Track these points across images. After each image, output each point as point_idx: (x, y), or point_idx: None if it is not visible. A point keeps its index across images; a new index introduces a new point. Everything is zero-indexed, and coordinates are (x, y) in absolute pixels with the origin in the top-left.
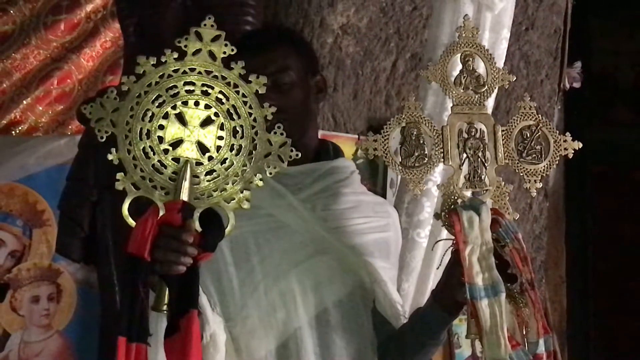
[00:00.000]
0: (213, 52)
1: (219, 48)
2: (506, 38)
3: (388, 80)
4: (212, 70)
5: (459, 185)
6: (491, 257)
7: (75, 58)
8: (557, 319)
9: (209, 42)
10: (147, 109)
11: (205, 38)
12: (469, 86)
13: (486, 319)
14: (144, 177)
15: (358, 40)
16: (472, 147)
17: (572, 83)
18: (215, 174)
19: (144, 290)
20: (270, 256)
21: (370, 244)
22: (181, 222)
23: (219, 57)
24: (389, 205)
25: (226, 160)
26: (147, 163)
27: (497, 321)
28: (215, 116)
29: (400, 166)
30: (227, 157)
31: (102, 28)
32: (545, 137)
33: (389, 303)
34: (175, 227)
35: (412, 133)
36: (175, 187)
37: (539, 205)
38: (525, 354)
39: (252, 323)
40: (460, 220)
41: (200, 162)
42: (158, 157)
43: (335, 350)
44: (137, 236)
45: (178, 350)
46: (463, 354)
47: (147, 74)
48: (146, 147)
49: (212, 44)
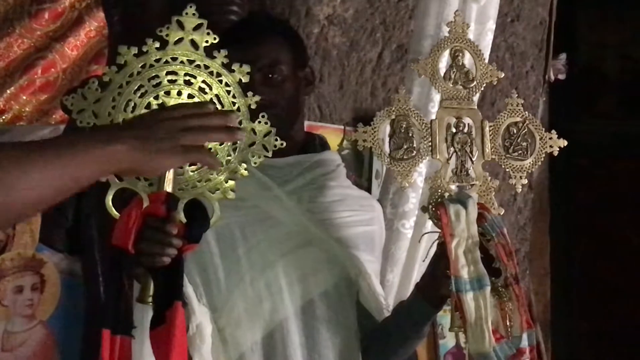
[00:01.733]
0: (195, 41)
1: (201, 37)
2: (491, 30)
3: (374, 71)
4: (195, 59)
5: (446, 179)
6: (477, 251)
7: (59, 47)
8: (541, 310)
9: (190, 30)
10: (129, 100)
11: (187, 27)
12: (458, 81)
13: (471, 312)
14: None
15: (344, 30)
16: (460, 141)
17: (557, 75)
18: (199, 164)
19: (128, 282)
20: (256, 247)
21: (355, 237)
22: (165, 214)
23: (201, 46)
24: (374, 200)
25: (210, 150)
26: None
27: (481, 314)
28: None
29: (389, 158)
30: (211, 147)
31: (87, 17)
32: (532, 134)
33: (372, 296)
34: (159, 218)
35: (402, 126)
36: (159, 178)
37: (524, 196)
38: (509, 347)
39: (238, 314)
40: (448, 213)
41: None
42: None
43: (321, 341)
44: (120, 228)
45: (164, 342)
46: (447, 345)
47: (129, 63)
48: None
49: (194, 33)
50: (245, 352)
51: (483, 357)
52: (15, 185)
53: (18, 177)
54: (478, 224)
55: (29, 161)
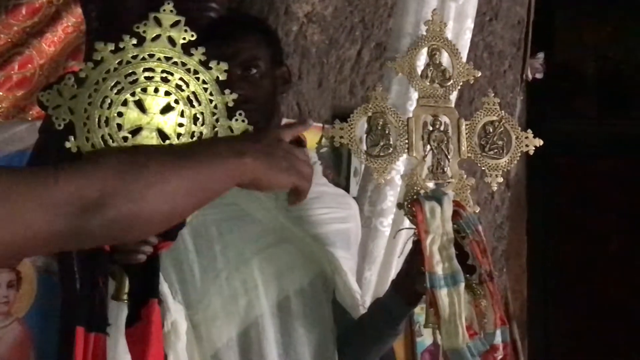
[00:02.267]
0: (172, 37)
1: (178, 34)
2: (470, 28)
3: (353, 69)
4: (172, 56)
5: (422, 176)
6: (451, 247)
7: (36, 43)
8: (517, 308)
9: (168, 27)
10: (106, 96)
11: (165, 23)
12: (435, 79)
13: (445, 308)
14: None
15: (323, 28)
16: (436, 139)
17: (535, 74)
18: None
19: (103, 279)
20: (232, 244)
21: (331, 234)
22: None
23: (178, 43)
24: (350, 197)
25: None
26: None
27: (455, 310)
28: (175, 103)
29: (365, 155)
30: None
31: (64, 13)
32: (508, 133)
33: (348, 293)
34: None
35: (378, 123)
36: None
37: (501, 195)
38: (482, 343)
39: (214, 311)
40: (423, 210)
41: None
42: (117, 145)
43: (297, 338)
44: None
45: (139, 340)
46: (424, 342)
47: (105, 60)
48: (105, 134)
49: (172, 30)
50: (221, 349)
51: (457, 353)
52: (167, 198)
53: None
54: (453, 221)
55: (181, 175)
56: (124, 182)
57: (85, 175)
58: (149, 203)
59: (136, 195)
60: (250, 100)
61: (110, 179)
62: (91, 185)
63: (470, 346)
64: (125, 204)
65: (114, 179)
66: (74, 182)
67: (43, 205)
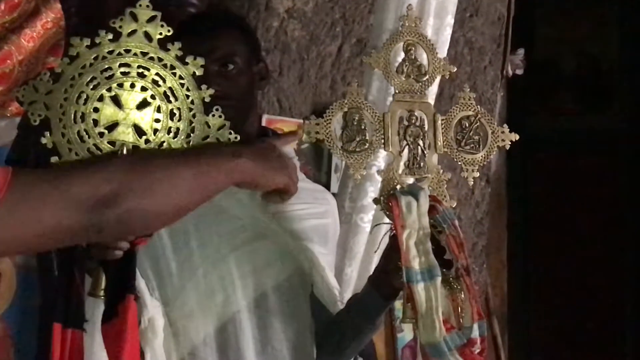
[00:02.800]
0: (149, 33)
1: (154, 29)
2: (450, 24)
3: (333, 65)
4: (148, 51)
5: (398, 171)
6: (428, 242)
7: (15, 39)
8: (498, 304)
9: (144, 22)
10: (82, 92)
11: (141, 19)
12: (411, 75)
13: (422, 303)
14: (80, 161)
15: (304, 24)
16: (412, 134)
17: (515, 70)
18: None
19: (79, 275)
20: (209, 240)
21: (309, 229)
22: None
23: (155, 39)
24: (328, 193)
25: (163, 143)
26: (82, 147)
27: (432, 305)
28: (151, 98)
29: (341, 151)
30: (165, 140)
31: (44, 8)
32: (484, 128)
33: (326, 288)
34: None
35: (354, 118)
36: None
37: (481, 190)
38: (459, 337)
39: (191, 307)
40: (399, 205)
41: (137, 145)
42: (93, 140)
43: (274, 333)
44: None
45: (115, 336)
46: (404, 338)
47: (81, 55)
48: (81, 130)
49: (148, 25)
50: (198, 345)
51: (434, 347)
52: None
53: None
54: (430, 215)
55: (186, 171)
56: (134, 179)
57: (99, 173)
58: (158, 198)
59: (146, 191)
60: (226, 97)
61: (121, 177)
62: (105, 183)
63: (447, 340)
64: (136, 199)
65: (125, 176)
66: (89, 180)
67: (62, 202)
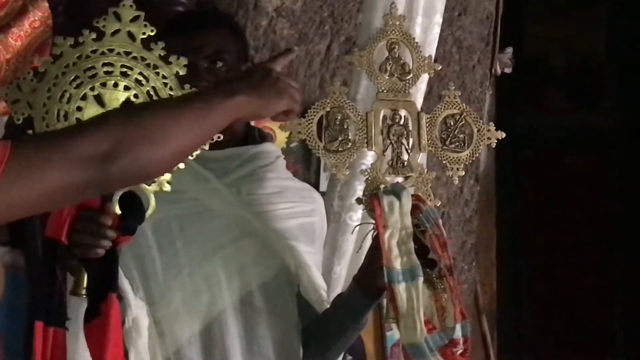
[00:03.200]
0: (132, 32)
1: (138, 29)
2: (439, 23)
3: (322, 64)
4: (132, 51)
5: (381, 171)
6: (410, 242)
7: (2, 37)
8: (487, 302)
9: (127, 22)
10: (65, 91)
11: (124, 18)
12: (395, 73)
13: (403, 303)
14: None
15: (292, 23)
16: (396, 133)
17: (504, 68)
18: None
19: (62, 274)
20: (194, 240)
21: (295, 228)
22: (99, 205)
23: (138, 38)
24: (315, 192)
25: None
26: None
27: (413, 305)
28: (134, 98)
29: (323, 150)
30: None
31: (31, 7)
32: (469, 126)
33: (312, 287)
34: (93, 210)
35: (336, 118)
36: None
37: (470, 189)
38: (440, 337)
39: (176, 307)
40: (381, 205)
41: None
42: None
43: (260, 332)
44: (54, 219)
45: (98, 335)
46: (394, 337)
47: (65, 54)
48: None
49: (131, 25)
50: (183, 345)
51: (415, 348)
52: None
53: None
54: (413, 215)
55: (181, 115)
56: (132, 131)
57: (98, 129)
58: (158, 144)
59: (143, 140)
60: None
61: (119, 131)
62: (104, 138)
63: (428, 341)
64: (137, 148)
65: (123, 129)
66: (89, 137)
67: (64, 162)
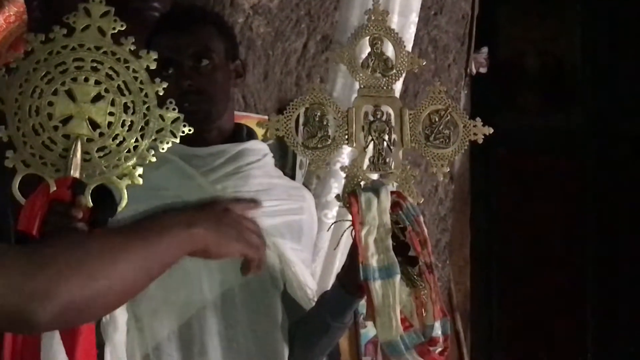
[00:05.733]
0: (102, 28)
1: (107, 24)
2: (414, 22)
3: (299, 62)
4: (102, 46)
5: (362, 167)
6: (388, 239)
7: None
8: (461, 300)
9: (97, 18)
10: (36, 86)
11: (94, 14)
12: (377, 69)
13: (379, 300)
14: (34, 155)
15: (269, 20)
16: (378, 129)
17: (479, 68)
18: (107, 151)
19: None
20: None
21: (281, 225)
22: (71, 199)
23: (108, 33)
24: (305, 190)
25: (118, 136)
26: (37, 140)
27: (389, 302)
28: (105, 92)
29: (302, 147)
30: (119, 133)
31: (7, 2)
32: (455, 122)
33: (297, 285)
34: (65, 203)
35: (316, 114)
36: (65, 164)
37: (445, 187)
38: (417, 335)
39: (156, 302)
40: (358, 202)
41: (91, 138)
42: (48, 134)
43: (241, 330)
44: (26, 213)
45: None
46: (368, 334)
47: (36, 50)
48: (35, 124)
49: (101, 20)
50: (162, 342)
51: (390, 345)
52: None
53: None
54: (393, 212)
55: (122, 253)
56: (74, 268)
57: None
58: (102, 284)
59: (87, 278)
60: (201, 92)
61: (60, 266)
62: (39, 273)
63: (404, 338)
64: (77, 288)
65: (64, 265)
66: (20, 269)
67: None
